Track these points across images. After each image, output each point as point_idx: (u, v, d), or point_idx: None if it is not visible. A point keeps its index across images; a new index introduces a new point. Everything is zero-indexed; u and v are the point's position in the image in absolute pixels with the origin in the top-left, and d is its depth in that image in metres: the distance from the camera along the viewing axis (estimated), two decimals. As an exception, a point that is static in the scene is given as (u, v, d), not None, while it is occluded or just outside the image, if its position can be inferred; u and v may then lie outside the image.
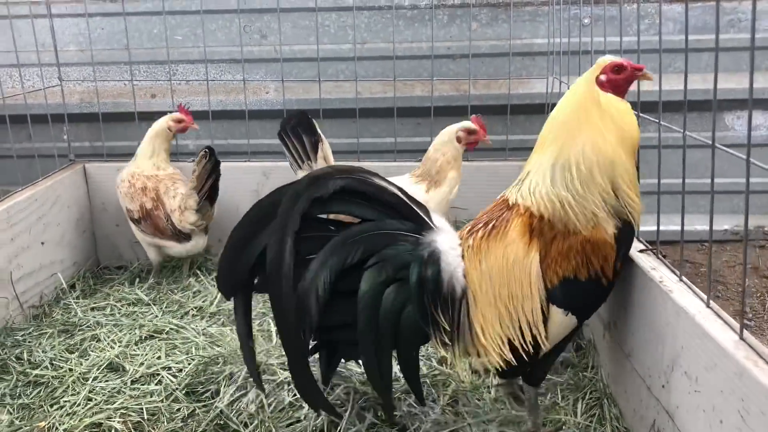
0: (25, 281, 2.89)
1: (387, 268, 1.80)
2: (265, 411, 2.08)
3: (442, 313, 1.82)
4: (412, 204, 1.88)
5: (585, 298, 1.86)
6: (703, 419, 1.61)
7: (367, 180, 1.83)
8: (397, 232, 1.84)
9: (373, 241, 1.81)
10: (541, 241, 1.83)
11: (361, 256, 1.79)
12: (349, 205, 1.83)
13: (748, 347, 1.50)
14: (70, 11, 3.64)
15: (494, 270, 1.84)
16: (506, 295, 1.83)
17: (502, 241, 1.86)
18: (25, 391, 2.39)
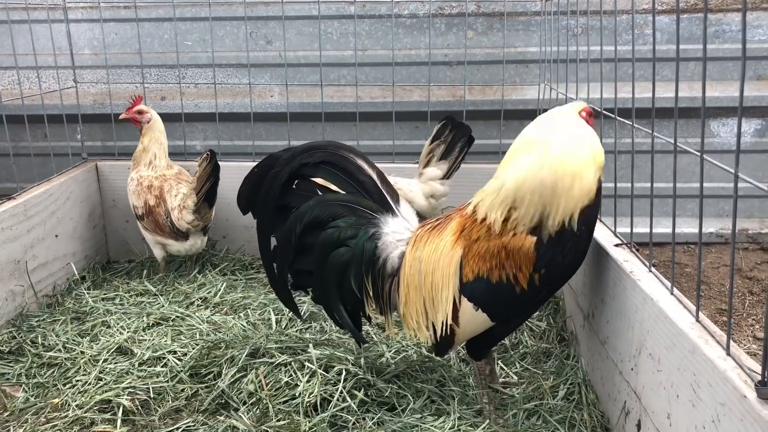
0: (39, 271, 3.05)
1: (342, 233, 2.17)
2: (263, 389, 2.23)
3: (372, 285, 2.17)
4: (383, 189, 2.22)
5: (495, 299, 2.00)
6: (663, 396, 1.75)
7: (348, 158, 2.22)
8: (358, 207, 2.20)
9: (336, 209, 2.20)
10: (466, 240, 2.03)
11: (324, 218, 2.19)
12: (329, 175, 2.22)
13: (702, 328, 1.65)
14: (85, 17, 3.81)
15: (425, 258, 2.10)
16: (429, 282, 2.09)
17: (439, 235, 2.11)
18: (39, 371, 2.54)
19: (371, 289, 2.17)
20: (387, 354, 2.50)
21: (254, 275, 3.44)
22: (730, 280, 1.56)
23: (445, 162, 3.10)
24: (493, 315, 2.03)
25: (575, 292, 2.58)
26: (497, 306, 2.02)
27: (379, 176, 2.23)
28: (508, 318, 2.08)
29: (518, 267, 1.95)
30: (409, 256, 2.13)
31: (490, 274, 1.98)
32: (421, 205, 3.11)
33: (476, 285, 2.00)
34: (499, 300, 2.00)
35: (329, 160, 2.21)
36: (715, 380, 1.48)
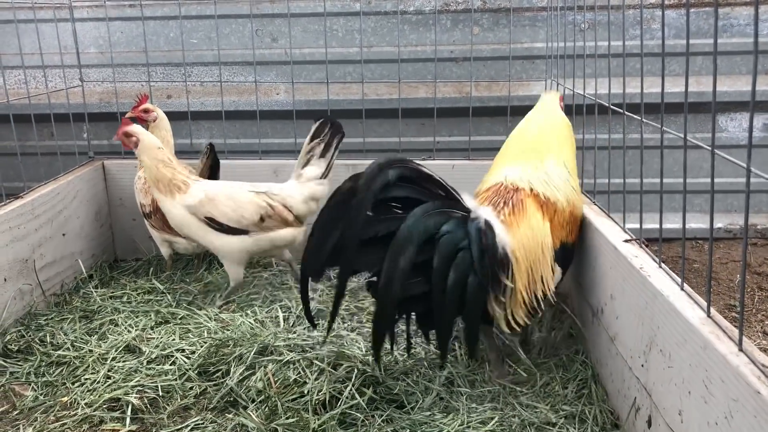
0: (47, 270, 3.05)
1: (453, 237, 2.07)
2: (271, 387, 2.23)
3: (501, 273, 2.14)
4: (449, 188, 2.19)
5: (568, 255, 2.41)
6: (675, 392, 1.74)
7: (416, 168, 2.11)
8: (450, 210, 2.12)
9: (437, 218, 2.07)
10: (548, 215, 2.32)
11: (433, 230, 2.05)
12: (406, 189, 2.08)
13: (714, 324, 1.64)
14: (91, 16, 3.81)
15: (524, 238, 2.23)
16: (533, 258, 2.24)
17: (524, 215, 2.27)
18: (48, 370, 2.54)
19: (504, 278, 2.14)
20: (395, 352, 2.50)
21: (260, 272, 3.44)
22: (742, 276, 1.55)
23: (323, 160, 3.05)
24: (564, 269, 2.41)
25: (583, 289, 2.57)
26: (568, 261, 2.43)
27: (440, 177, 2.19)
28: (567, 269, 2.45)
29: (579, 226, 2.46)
30: (515, 240, 2.19)
31: (568, 238, 2.38)
32: (301, 209, 3.02)
33: (562, 249, 2.35)
34: (569, 256, 2.42)
35: (404, 174, 2.08)
36: (727, 376, 1.47)
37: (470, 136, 3.63)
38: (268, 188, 3.03)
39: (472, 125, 3.63)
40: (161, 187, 2.93)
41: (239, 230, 2.93)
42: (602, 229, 2.38)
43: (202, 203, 2.91)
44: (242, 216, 2.92)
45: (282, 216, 2.97)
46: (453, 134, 3.84)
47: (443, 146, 3.78)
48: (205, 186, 2.98)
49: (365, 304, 2.98)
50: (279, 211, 2.97)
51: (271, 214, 2.95)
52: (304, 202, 3.02)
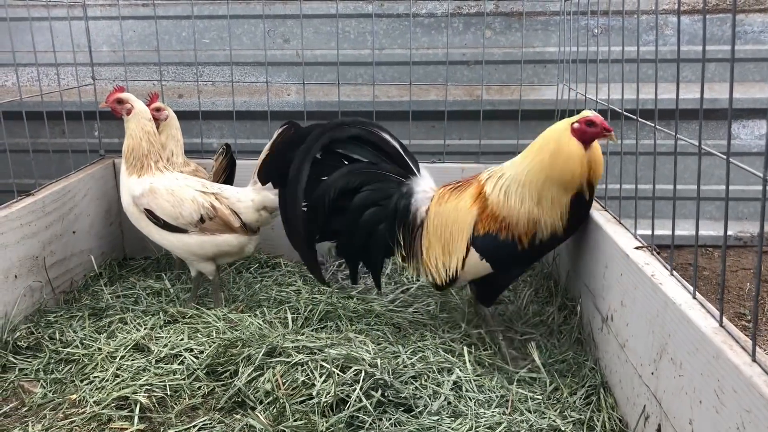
0: (57, 267, 3.06)
1: (373, 195, 2.62)
2: (279, 389, 2.23)
3: (402, 235, 2.63)
4: (405, 156, 2.67)
5: (498, 251, 2.48)
6: (686, 401, 1.73)
7: (374, 132, 2.65)
8: (388, 174, 2.65)
9: (369, 176, 2.63)
10: (481, 204, 2.50)
11: (358, 184, 2.62)
12: (358, 148, 2.65)
13: (726, 333, 1.63)
14: (104, 14, 3.83)
15: (445, 213, 2.57)
16: (447, 232, 2.55)
17: (459, 196, 2.57)
18: (57, 367, 2.55)
19: (402, 239, 2.63)
20: (403, 355, 2.49)
21: (269, 273, 3.45)
22: (756, 287, 1.54)
23: None
24: (495, 266, 2.52)
25: (593, 295, 2.56)
26: (499, 257, 2.49)
27: (401, 147, 2.68)
28: (505, 268, 2.55)
29: (521, 233, 2.44)
30: (433, 211, 2.60)
31: (498, 232, 2.45)
32: (250, 217, 2.90)
33: (485, 239, 2.48)
34: (502, 253, 2.47)
35: (358, 135, 2.64)
36: (740, 386, 1.46)
37: (480, 139, 3.62)
38: (220, 189, 2.93)
39: (482, 128, 3.62)
40: (132, 159, 2.85)
41: (178, 228, 2.84)
42: (613, 235, 2.38)
43: (143, 194, 2.82)
44: (180, 213, 2.81)
45: (225, 220, 2.85)
46: (463, 137, 3.84)
47: (453, 149, 3.78)
48: (157, 178, 2.86)
49: (373, 306, 2.98)
50: (222, 214, 2.85)
51: (212, 215, 2.84)
52: (254, 209, 2.90)
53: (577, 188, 2.38)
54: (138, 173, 2.84)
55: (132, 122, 2.87)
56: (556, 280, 3.08)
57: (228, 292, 3.14)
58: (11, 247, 2.73)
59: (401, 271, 3.34)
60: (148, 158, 2.86)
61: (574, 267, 2.83)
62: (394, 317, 2.91)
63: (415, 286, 3.19)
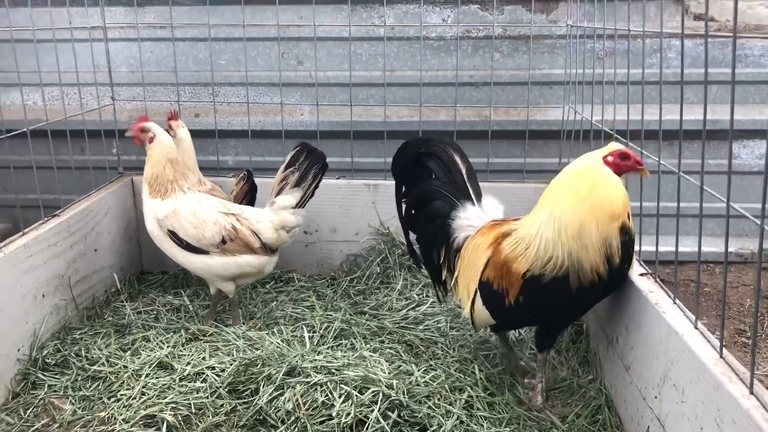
0: (80, 285, 3.17)
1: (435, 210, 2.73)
2: (300, 409, 2.34)
3: (444, 255, 2.71)
4: (468, 182, 2.73)
5: (491, 302, 2.45)
6: (687, 427, 1.84)
7: (445, 150, 2.77)
8: (447, 194, 2.72)
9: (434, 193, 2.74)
10: (495, 247, 2.45)
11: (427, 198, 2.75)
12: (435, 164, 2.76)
13: (726, 365, 1.73)
14: (123, 36, 3.94)
15: (475, 249, 2.56)
16: (472, 269, 2.53)
17: (488, 234, 2.54)
18: (84, 384, 2.66)
19: (443, 258, 2.71)
20: (416, 373, 2.59)
21: (283, 287, 3.56)
22: (755, 319, 1.65)
23: (298, 190, 3.00)
24: (492, 314, 2.48)
25: (599, 317, 2.66)
26: (494, 309, 2.46)
27: (467, 171, 2.76)
28: (500, 319, 2.51)
29: (510, 283, 2.35)
30: (471, 242, 2.60)
31: (493, 281, 2.42)
32: (269, 237, 2.98)
33: (483, 286, 2.47)
34: (494, 304, 2.44)
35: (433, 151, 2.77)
36: (739, 418, 1.57)
37: (488, 158, 3.73)
38: (241, 211, 3.02)
39: (490, 148, 3.73)
40: (156, 185, 2.96)
41: (201, 250, 2.93)
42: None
43: (167, 216, 2.93)
44: (203, 235, 2.90)
45: (246, 241, 2.94)
46: (471, 156, 3.92)
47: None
48: (180, 200, 2.96)
49: (385, 323, 3.09)
50: (243, 235, 2.93)
51: (234, 237, 2.93)
52: (274, 229, 2.98)
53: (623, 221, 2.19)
54: (162, 197, 2.95)
55: (155, 149, 2.98)
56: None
57: (245, 309, 3.25)
58: (40, 268, 2.84)
59: (411, 288, 3.44)
60: (172, 183, 2.97)
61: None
62: (406, 334, 3.01)
63: (426, 303, 3.28)
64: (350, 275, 3.61)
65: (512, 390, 2.59)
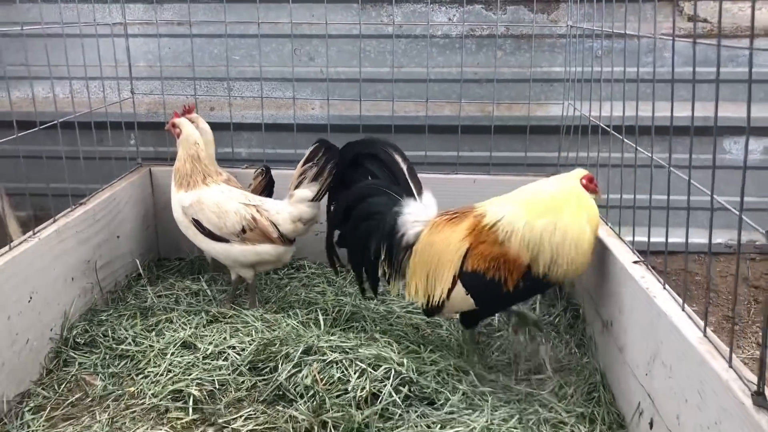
0: (104, 270, 3.35)
1: (370, 207, 2.81)
2: (318, 384, 2.52)
3: (387, 254, 2.79)
4: (410, 180, 2.82)
5: (484, 290, 2.59)
6: (674, 399, 2.03)
7: (389, 152, 2.86)
8: (389, 191, 2.81)
9: (371, 191, 2.83)
10: (475, 239, 2.60)
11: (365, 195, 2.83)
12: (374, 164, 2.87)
13: (709, 342, 1.92)
14: (142, 32, 4.10)
15: (436, 243, 2.67)
16: (436, 262, 2.67)
17: (453, 228, 2.66)
18: (113, 362, 2.83)
19: (384, 256, 2.79)
20: (424, 353, 2.78)
21: (295, 274, 3.73)
22: (733, 305, 1.83)
23: (315, 184, 3.13)
24: (477, 301, 2.63)
25: (595, 302, 2.85)
26: (485, 296, 2.62)
27: (408, 170, 2.84)
28: (488, 305, 2.70)
29: (510, 272, 2.54)
30: (425, 238, 2.71)
31: (486, 271, 2.55)
32: (287, 228, 3.15)
33: (472, 276, 2.58)
34: (487, 291, 2.58)
35: (374, 152, 2.88)
36: (719, 388, 1.75)
37: (491, 152, 3.90)
38: (261, 202, 3.18)
39: (493, 142, 3.90)
40: (179, 178, 3.17)
41: (222, 238, 3.12)
42: (613, 249, 2.67)
43: (192, 205, 3.12)
44: (224, 224, 3.08)
45: (265, 231, 3.11)
46: (474, 150, 4.12)
47: (465, 161, 4.04)
48: (204, 191, 3.15)
49: (393, 308, 3.27)
50: (262, 225, 3.10)
51: (253, 227, 3.10)
52: (291, 221, 3.14)
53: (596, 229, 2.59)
54: (186, 189, 3.13)
55: (181, 146, 3.19)
56: (560, 286, 3.37)
57: (260, 294, 3.43)
58: (70, 252, 3.02)
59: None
60: (193, 177, 3.16)
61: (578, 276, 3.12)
62: (413, 318, 3.20)
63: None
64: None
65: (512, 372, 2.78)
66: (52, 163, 3.02)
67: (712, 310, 3.51)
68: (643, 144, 2.59)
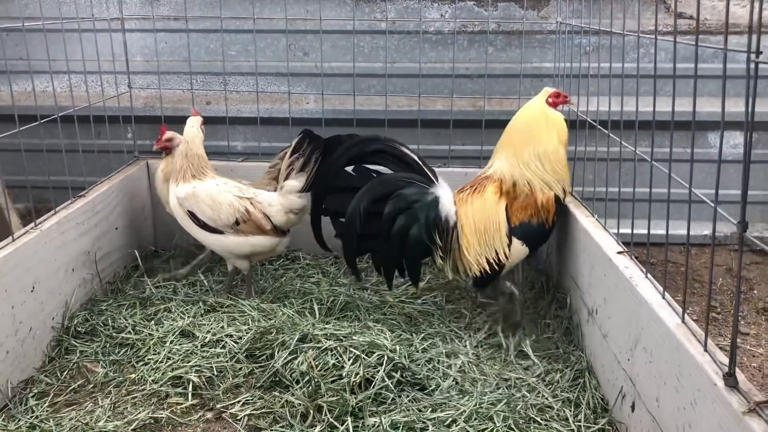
0: (103, 261, 3.42)
1: (401, 202, 2.94)
2: (313, 370, 2.61)
3: (439, 238, 2.96)
4: (424, 167, 3.03)
5: (534, 235, 2.98)
6: (654, 382, 2.13)
7: (396, 147, 3.06)
8: (414, 181, 2.98)
9: (397, 183, 2.97)
10: (507, 199, 2.97)
11: (388, 192, 2.95)
12: (383, 160, 3.06)
13: (686, 328, 2.02)
14: (139, 27, 4.17)
15: (476, 212, 2.97)
16: (482, 229, 2.96)
17: (481, 195, 2.99)
18: (113, 350, 2.91)
19: (439, 240, 2.96)
20: (416, 341, 2.88)
21: (290, 265, 3.82)
22: (709, 292, 1.93)
23: (303, 174, 3.19)
24: (531, 246, 3.00)
25: (581, 290, 2.95)
26: (536, 240, 3.00)
27: (419, 158, 3.05)
28: (537, 247, 3.07)
29: (548, 212, 2.97)
30: (462, 212, 2.98)
31: (531, 219, 2.95)
32: (280, 219, 3.22)
33: (522, 227, 2.95)
34: (536, 235, 2.98)
35: (381, 149, 3.05)
36: (694, 371, 1.85)
37: (482, 145, 3.98)
38: (254, 194, 3.24)
39: (484, 136, 3.98)
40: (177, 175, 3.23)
41: (217, 229, 3.19)
42: (598, 240, 2.76)
43: (187, 197, 3.18)
44: (218, 216, 3.15)
45: (258, 223, 3.17)
46: (466, 143, 4.21)
47: (457, 154, 4.14)
48: (199, 183, 3.21)
49: (387, 298, 3.36)
50: (255, 218, 3.17)
51: (246, 219, 3.16)
52: (283, 212, 3.22)
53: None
54: (182, 182, 3.21)
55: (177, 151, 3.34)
56: (549, 277, 3.47)
57: (256, 284, 3.51)
58: (70, 244, 3.09)
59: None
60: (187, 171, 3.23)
61: (564, 266, 3.23)
62: (406, 308, 3.29)
63: (424, 280, 3.56)
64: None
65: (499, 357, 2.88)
66: (50, 156, 3.09)
67: (695, 299, 3.61)
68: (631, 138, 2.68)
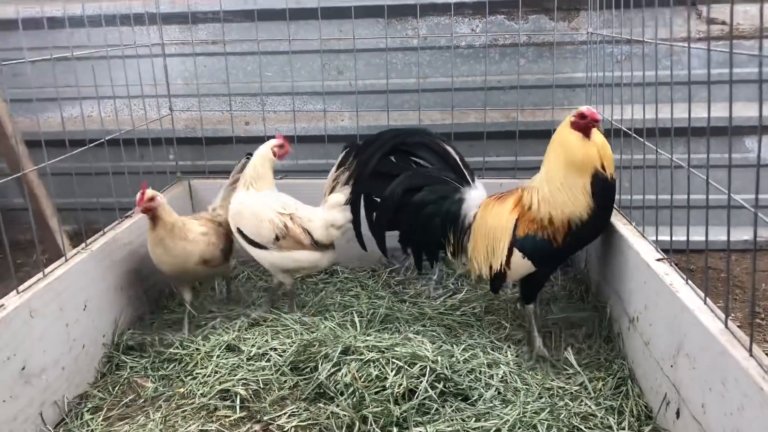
0: (149, 279, 3.52)
1: (431, 195, 3.13)
2: (357, 381, 2.65)
3: (452, 235, 3.13)
4: (463, 168, 3.18)
5: (538, 250, 2.90)
6: (698, 388, 2.13)
7: (438, 143, 3.20)
8: (446, 178, 3.15)
9: (431, 178, 3.16)
10: (520, 210, 2.95)
11: (422, 183, 3.14)
12: (425, 153, 3.20)
13: (730, 333, 2.02)
14: (179, 52, 4.30)
15: (489, 218, 3.03)
16: (491, 235, 3.01)
17: (502, 204, 3.04)
18: (162, 365, 3.00)
19: (451, 237, 3.12)
20: (457, 352, 2.90)
21: (329, 279, 3.88)
22: (752, 295, 1.93)
23: (348, 187, 3.24)
24: (536, 262, 2.92)
25: (621, 299, 2.95)
26: (541, 256, 2.91)
27: (461, 159, 3.18)
28: (544, 264, 2.95)
29: (556, 230, 2.85)
30: (480, 217, 3.07)
31: (536, 233, 2.87)
32: (320, 234, 3.23)
33: (526, 240, 2.90)
34: (541, 251, 2.89)
35: (424, 142, 3.20)
36: (740, 376, 1.85)
37: (516, 156, 4.02)
38: (296, 209, 3.27)
39: (518, 147, 4.02)
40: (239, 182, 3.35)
41: (261, 245, 3.25)
42: (637, 248, 2.77)
43: (233, 216, 3.28)
44: (260, 233, 3.21)
45: (297, 238, 3.20)
46: (500, 155, 4.24)
47: (491, 165, 4.17)
48: (245, 198, 3.26)
49: (425, 310, 3.40)
50: (294, 233, 3.20)
51: (285, 234, 3.20)
52: (324, 227, 3.24)
53: (592, 171, 2.77)
54: None
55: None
56: (587, 286, 3.48)
57: (298, 298, 3.58)
58: (119, 263, 3.20)
59: (447, 278, 3.76)
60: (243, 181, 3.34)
61: (603, 275, 3.23)
62: (445, 319, 3.32)
63: (462, 291, 3.59)
64: (389, 267, 3.93)
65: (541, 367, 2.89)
66: (96, 178, 3.20)
67: (738, 306, 3.58)
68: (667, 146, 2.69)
